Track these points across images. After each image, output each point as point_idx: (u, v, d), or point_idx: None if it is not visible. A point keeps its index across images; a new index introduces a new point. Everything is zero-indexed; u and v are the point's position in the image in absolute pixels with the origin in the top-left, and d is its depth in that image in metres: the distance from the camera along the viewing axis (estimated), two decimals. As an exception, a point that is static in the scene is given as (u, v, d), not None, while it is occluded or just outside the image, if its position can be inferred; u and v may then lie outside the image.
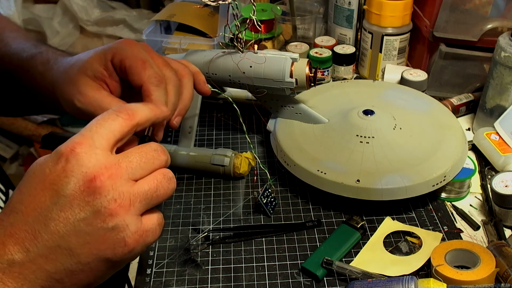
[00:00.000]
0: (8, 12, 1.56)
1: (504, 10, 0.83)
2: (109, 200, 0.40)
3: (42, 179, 0.41)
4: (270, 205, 0.66)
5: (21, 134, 1.67)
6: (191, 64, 0.61)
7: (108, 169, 0.41)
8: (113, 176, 0.41)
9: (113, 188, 0.40)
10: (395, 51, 0.93)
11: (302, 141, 0.71)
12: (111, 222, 0.40)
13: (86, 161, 0.40)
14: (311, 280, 0.58)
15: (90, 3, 1.70)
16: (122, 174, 0.41)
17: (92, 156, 0.41)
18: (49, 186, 0.40)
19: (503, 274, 0.54)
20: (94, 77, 0.54)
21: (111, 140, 0.42)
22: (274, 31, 1.02)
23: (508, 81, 0.74)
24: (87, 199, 0.40)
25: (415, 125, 0.72)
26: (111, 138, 0.42)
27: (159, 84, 0.52)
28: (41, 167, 0.41)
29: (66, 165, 0.40)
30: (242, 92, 0.79)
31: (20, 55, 0.63)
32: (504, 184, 0.63)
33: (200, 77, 0.61)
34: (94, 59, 0.54)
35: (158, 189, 0.43)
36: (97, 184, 0.40)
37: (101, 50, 0.55)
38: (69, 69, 0.56)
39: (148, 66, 0.52)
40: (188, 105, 0.57)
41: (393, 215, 0.66)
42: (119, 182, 0.41)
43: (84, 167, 0.40)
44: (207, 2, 0.59)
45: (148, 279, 0.59)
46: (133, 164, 0.42)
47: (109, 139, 0.42)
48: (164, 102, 0.52)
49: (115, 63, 0.54)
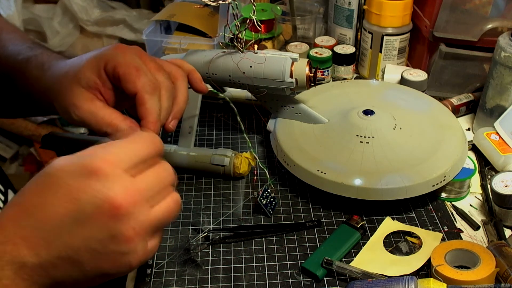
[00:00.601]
0: (8, 12, 1.56)
1: (504, 10, 0.83)
2: (128, 228, 0.41)
3: (64, 189, 0.41)
4: (270, 206, 0.66)
5: (21, 134, 1.67)
6: (185, 63, 0.61)
7: (133, 196, 0.41)
8: (136, 204, 0.41)
9: (134, 217, 0.41)
10: (395, 51, 0.93)
11: (302, 141, 0.71)
12: (124, 247, 0.41)
13: (115, 185, 0.41)
14: (311, 280, 0.58)
15: (90, 3, 1.70)
16: (143, 202, 0.42)
17: (120, 180, 0.41)
18: (71, 200, 0.40)
19: (503, 274, 0.54)
20: (88, 87, 0.54)
21: (136, 165, 0.43)
22: (274, 31, 1.02)
23: (508, 81, 0.74)
24: (108, 223, 0.41)
25: (415, 125, 0.72)
26: (137, 163, 0.43)
27: (153, 92, 0.52)
28: (63, 175, 0.41)
29: (93, 184, 0.40)
30: (242, 92, 0.79)
31: (16, 58, 0.63)
32: (504, 184, 0.63)
33: (195, 75, 0.60)
34: (87, 68, 0.54)
35: (169, 215, 0.45)
36: (121, 212, 0.41)
37: (94, 58, 0.54)
38: (62, 78, 0.55)
39: (142, 74, 0.52)
40: (183, 107, 0.57)
41: (393, 215, 0.66)
42: (139, 210, 0.42)
43: (111, 192, 0.40)
44: (207, 2, 0.59)
45: (148, 279, 0.59)
46: (152, 190, 0.43)
47: (135, 163, 0.43)
48: (158, 111, 0.52)
49: (108, 70, 0.53)
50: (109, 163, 0.41)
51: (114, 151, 0.42)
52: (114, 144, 0.43)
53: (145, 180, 0.43)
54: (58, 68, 0.57)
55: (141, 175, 0.43)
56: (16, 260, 0.40)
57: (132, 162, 0.43)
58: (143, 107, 0.52)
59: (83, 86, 0.54)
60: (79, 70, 0.54)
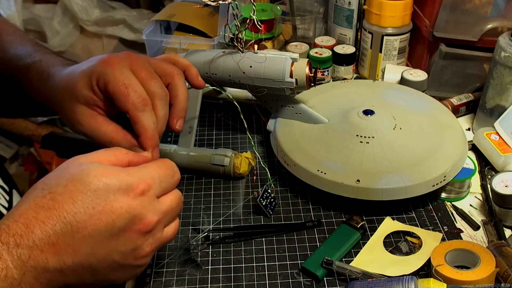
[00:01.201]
0: (8, 12, 1.56)
1: (504, 10, 0.83)
2: (148, 244, 0.46)
3: (104, 203, 0.43)
4: (270, 206, 0.66)
5: (21, 134, 1.67)
6: (180, 58, 0.61)
7: (158, 215, 0.46)
8: (159, 223, 0.46)
9: (153, 235, 0.46)
10: (395, 51, 0.93)
11: (302, 141, 0.71)
12: (140, 261, 0.46)
13: (151, 207, 0.45)
14: (311, 280, 0.58)
15: (90, 3, 1.69)
16: (162, 222, 0.47)
17: (152, 201, 0.46)
18: (109, 214, 0.43)
19: (503, 274, 0.54)
20: (87, 104, 0.54)
21: (163, 189, 0.48)
22: (274, 31, 1.02)
23: (508, 81, 0.74)
24: (135, 237, 0.44)
25: (415, 125, 0.72)
26: (164, 188, 0.48)
27: (144, 108, 0.53)
28: (104, 187, 0.43)
29: (130, 200, 0.44)
30: (242, 92, 0.79)
31: (17, 63, 0.63)
32: (504, 184, 0.63)
33: (191, 71, 0.61)
34: (81, 86, 0.54)
35: (173, 237, 0.50)
36: (148, 229, 0.45)
37: (86, 74, 0.54)
38: (62, 92, 0.56)
39: (131, 91, 0.52)
40: (185, 105, 0.58)
41: (393, 215, 0.66)
42: (158, 229, 0.47)
43: (149, 214, 0.45)
44: (207, 2, 0.59)
45: (148, 279, 0.59)
46: (169, 213, 0.48)
47: (163, 188, 0.48)
48: (152, 125, 0.53)
49: (100, 86, 0.54)
50: (146, 184, 0.45)
51: (150, 173, 0.46)
52: (148, 167, 0.47)
53: (166, 203, 0.47)
54: (57, 81, 0.58)
55: (165, 196, 0.48)
56: (39, 265, 0.41)
57: (162, 186, 0.47)
58: (137, 125, 0.53)
59: (82, 103, 0.55)
60: (75, 87, 0.54)
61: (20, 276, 0.39)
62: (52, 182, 0.43)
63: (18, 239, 0.40)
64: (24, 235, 0.40)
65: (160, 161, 0.49)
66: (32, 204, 0.42)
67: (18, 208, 0.42)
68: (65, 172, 0.44)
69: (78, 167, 0.44)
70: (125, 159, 0.48)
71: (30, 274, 0.40)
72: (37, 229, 0.40)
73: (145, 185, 0.45)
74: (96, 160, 0.46)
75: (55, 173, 0.45)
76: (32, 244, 0.40)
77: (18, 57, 0.64)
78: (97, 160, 0.46)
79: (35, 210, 0.41)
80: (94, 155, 0.47)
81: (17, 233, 0.40)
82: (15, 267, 0.39)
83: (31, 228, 0.40)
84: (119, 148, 0.49)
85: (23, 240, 0.40)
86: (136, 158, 0.49)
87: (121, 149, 0.49)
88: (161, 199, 0.47)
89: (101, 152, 0.47)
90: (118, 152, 0.48)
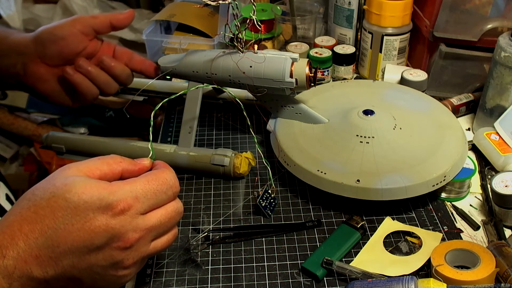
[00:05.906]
0: (8, 12, 1.56)
1: (504, 10, 0.83)
2: (129, 258, 0.46)
3: (82, 220, 0.43)
4: (269, 207, 0.66)
5: (21, 134, 1.67)
6: (135, 55, 0.73)
7: (140, 233, 0.46)
8: (141, 239, 0.46)
9: (136, 249, 0.46)
10: (395, 51, 0.93)
11: (302, 141, 0.71)
12: (121, 272, 0.47)
13: (131, 226, 0.45)
14: (311, 280, 0.58)
15: (90, 3, 1.69)
16: (147, 238, 0.47)
17: (133, 219, 0.45)
18: (88, 231, 0.43)
19: (503, 274, 0.54)
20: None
21: (151, 205, 0.47)
22: (274, 31, 1.02)
23: (508, 81, 0.74)
24: (114, 254, 0.45)
25: (415, 125, 0.72)
26: (152, 204, 0.47)
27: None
28: (84, 206, 0.43)
29: (109, 219, 0.44)
30: (242, 92, 0.79)
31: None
32: (504, 184, 0.63)
33: (136, 58, 0.72)
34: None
35: (167, 247, 0.50)
36: (128, 246, 0.45)
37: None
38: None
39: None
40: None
41: (393, 215, 0.66)
42: (142, 244, 0.47)
43: (128, 232, 0.45)
44: (207, 2, 0.59)
45: (148, 279, 0.59)
46: (159, 227, 0.48)
47: (151, 204, 0.47)
48: None
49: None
50: (125, 203, 0.45)
51: (134, 191, 0.46)
52: (135, 182, 0.46)
53: (155, 218, 0.47)
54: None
55: (152, 212, 0.47)
56: (24, 275, 0.43)
57: (149, 203, 0.47)
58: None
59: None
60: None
61: (7, 285, 0.42)
62: (38, 193, 0.45)
63: (4, 250, 0.42)
64: (10, 247, 0.42)
65: (152, 175, 0.48)
66: (18, 216, 0.44)
67: (7, 219, 0.44)
68: (51, 184, 0.45)
69: (63, 180, 0.44)
70: (118, 168, 0.48)
71: (17, 284, 0.42)
72: (21, 242, 0.43)
73: (124, 204, 0.44)
74: (85, 171, 0.46)
75: (43, 183, 0.45)
76: (16, 255, 0.42)
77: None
78: (87, 170, 0.46)
79: (19, 223, 0.43)
80: (85, 164, 0.47)
81: (3, 245, 0.42)
82: (3, 277, 0.42)
83: (16, 240, 0.43)
84: (114, 156, 0.49)
85: (8, 251, 0.42)
86: (131, 166, 0.49)
87: (115, 157, 0.49)
88: (147, 216, 0.47)
89: (93, 160, 0.47)
90: (111, 161, 0.48)
